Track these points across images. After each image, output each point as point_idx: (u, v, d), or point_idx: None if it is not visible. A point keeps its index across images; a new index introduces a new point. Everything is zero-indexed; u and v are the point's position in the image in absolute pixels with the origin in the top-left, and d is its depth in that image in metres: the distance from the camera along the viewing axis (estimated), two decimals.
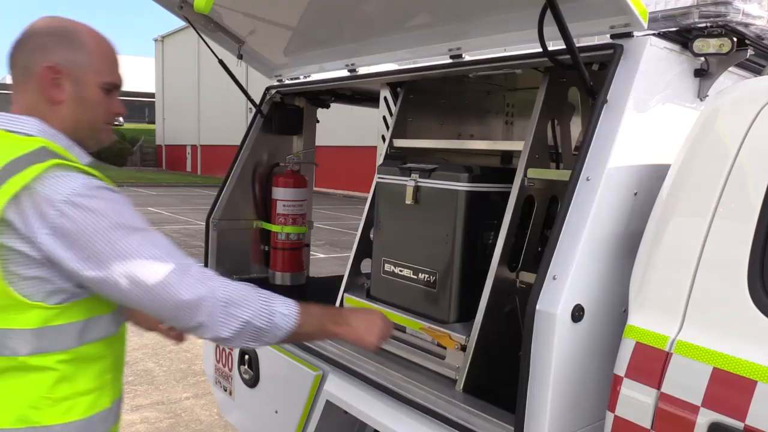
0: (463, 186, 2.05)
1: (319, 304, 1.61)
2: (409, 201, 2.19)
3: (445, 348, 2.06)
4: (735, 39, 1.72)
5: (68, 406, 1.39)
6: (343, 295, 2.51)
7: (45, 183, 1.31)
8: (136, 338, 5.56)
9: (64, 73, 1.44)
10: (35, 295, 1.32)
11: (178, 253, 1.41)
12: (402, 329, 2.21)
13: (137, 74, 59.77)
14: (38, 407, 1.36)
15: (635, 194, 1.73)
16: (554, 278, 1.60)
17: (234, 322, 1.41)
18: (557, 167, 2.18)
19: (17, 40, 1.47)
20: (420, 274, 2.17)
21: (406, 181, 2.22)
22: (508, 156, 3.12)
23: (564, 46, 1.67)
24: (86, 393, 1.43)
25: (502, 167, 2.76)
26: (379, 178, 2.36)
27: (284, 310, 1.49)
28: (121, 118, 1.70)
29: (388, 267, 2.30)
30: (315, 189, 3.26)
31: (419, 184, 2.17)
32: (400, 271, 2.25)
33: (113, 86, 1.55)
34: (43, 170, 1.31)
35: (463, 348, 1.95)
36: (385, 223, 2.37)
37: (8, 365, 1.35)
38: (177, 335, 1.90)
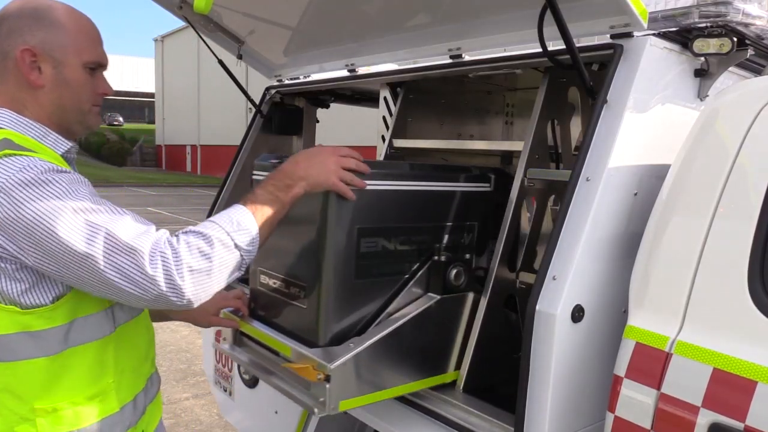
0: None
1: (263, 184, 1.49)
2: None
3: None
4: (735, 39, 1.72)
5: (63, 416, 1.32)
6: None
7: None
8: None
9: (41, 55, 1.37)
10: (6, 296, 1.26)
11: (137, 234, 1.26)
12: (277, 354, 1.89)
13: (137, 74, 59.74)
14: (30, 419, 1.29)
15: (635, 194, 1.72)
16: (554, 278, 1.60)
17: (200, 285, 1.29)
18: (557, 167, 2.18)
19: None
20: (291, 287, 1.85)
21: None
22: (508, 156, 3.12)
23: (564, 46, 1.67)
24: (81, 402, 1.36)
25: (391, 162, 2.34)
26: (253, 174, 2.07)
27: (245, 239, 1.36)
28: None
29: (263, 278, 1.98)
30: None
31: None
32: (274, 283, 1.92)
33: (97, 65, 1.47)
34: None
35: (327, 379, 1.63)
36: None
37: None
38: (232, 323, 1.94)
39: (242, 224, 1.37)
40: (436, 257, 1.91)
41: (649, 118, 1.76)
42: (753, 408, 1.30)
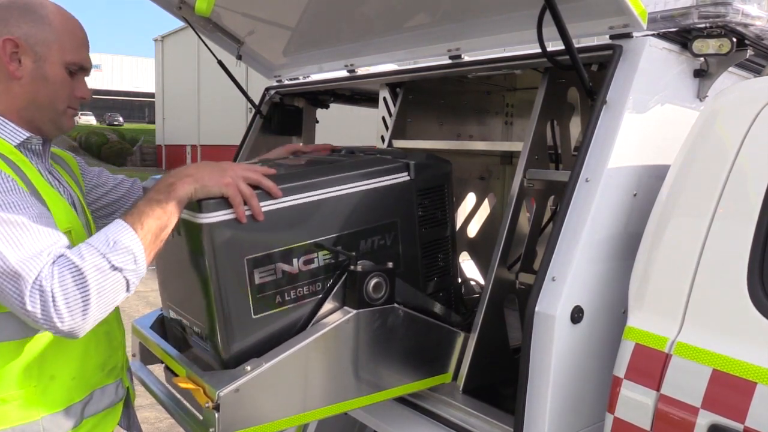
0: (205, 218, 1.47)
1: (145, 193, 1.39)
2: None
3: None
4: (734, 39, 1.71)
5: None
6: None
7: None
8: None
9: (24, 47, 1.37)
10: None
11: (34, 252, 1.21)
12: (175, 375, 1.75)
13: (137, 74, 59.72)
14: None
15: (635, 195, 1.72)
16: (553, 279, 1.60)
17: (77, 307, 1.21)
18: (557, 168, 2.18)
19: None
20: (194, 326, 1.72)
21: None
22: (508, 156, 3.12)
23: (563, 47, 1.67)
24: None
25: (282, 173, 1.78)
26: None
27: (124, 258, 1.27)
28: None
29: (171, 313, 1.86)
30: None
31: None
32: (179, 320, 1.81)
33: (79, 67, 1.46)
34: None
35: (217, 408, 1.45)
36: (162, 259, 1.79)
37: None
38: None
39: (120, 242, 1.27)
40: (351, 267, 1.67)
41: (649, 119, 1.76)
42: (752, 409, 1.30)
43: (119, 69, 60.29)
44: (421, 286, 1.89)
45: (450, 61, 2.26)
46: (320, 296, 1.67)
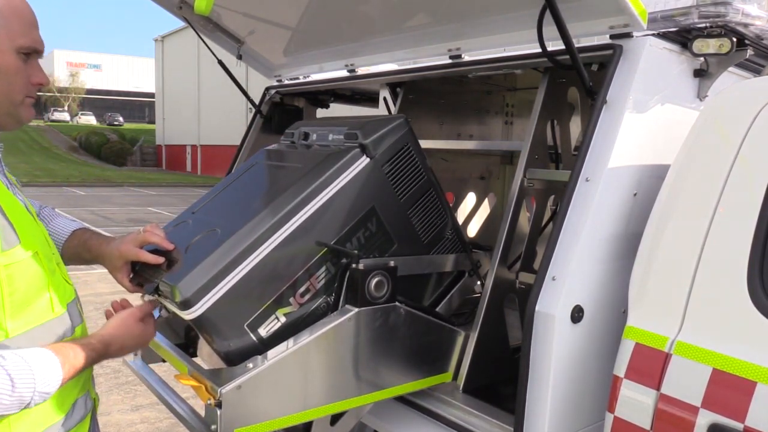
0: (192, 312, 1.53)
1: (80, 341, 1.38)
2: None
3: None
4: (734, 39, 1.72)
5: None
6: None
7: None
8: None
9: None
10: None
11: None
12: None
13: (137, 74, 59.73)
14: None
15: (635, 195, 1.73)
16: (553, 279, 1.60)
17: None
18: (557, 167, 2.18)
19: None
20: None
21: None
22: (508, 156, 3.13)
23: (563, 47, 1.67)
24: None
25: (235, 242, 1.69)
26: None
27: (38, 400, 1.24)
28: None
29: None
30: None
31: None
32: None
33: (32, 50, 1.35)
34: None
35: (219, 405, 1.46)
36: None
37: None
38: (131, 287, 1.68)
39: (49, 385, 1.24)
40: (353, 266, 1.67)
41: (649, 119, 1.76)
42: (752, 408, 1.30)
43: (119, 69, 60.30)
44: (425, 246, 1.88)
45: (450, 61, 2.27)
46: (322, 312, 1.69)
